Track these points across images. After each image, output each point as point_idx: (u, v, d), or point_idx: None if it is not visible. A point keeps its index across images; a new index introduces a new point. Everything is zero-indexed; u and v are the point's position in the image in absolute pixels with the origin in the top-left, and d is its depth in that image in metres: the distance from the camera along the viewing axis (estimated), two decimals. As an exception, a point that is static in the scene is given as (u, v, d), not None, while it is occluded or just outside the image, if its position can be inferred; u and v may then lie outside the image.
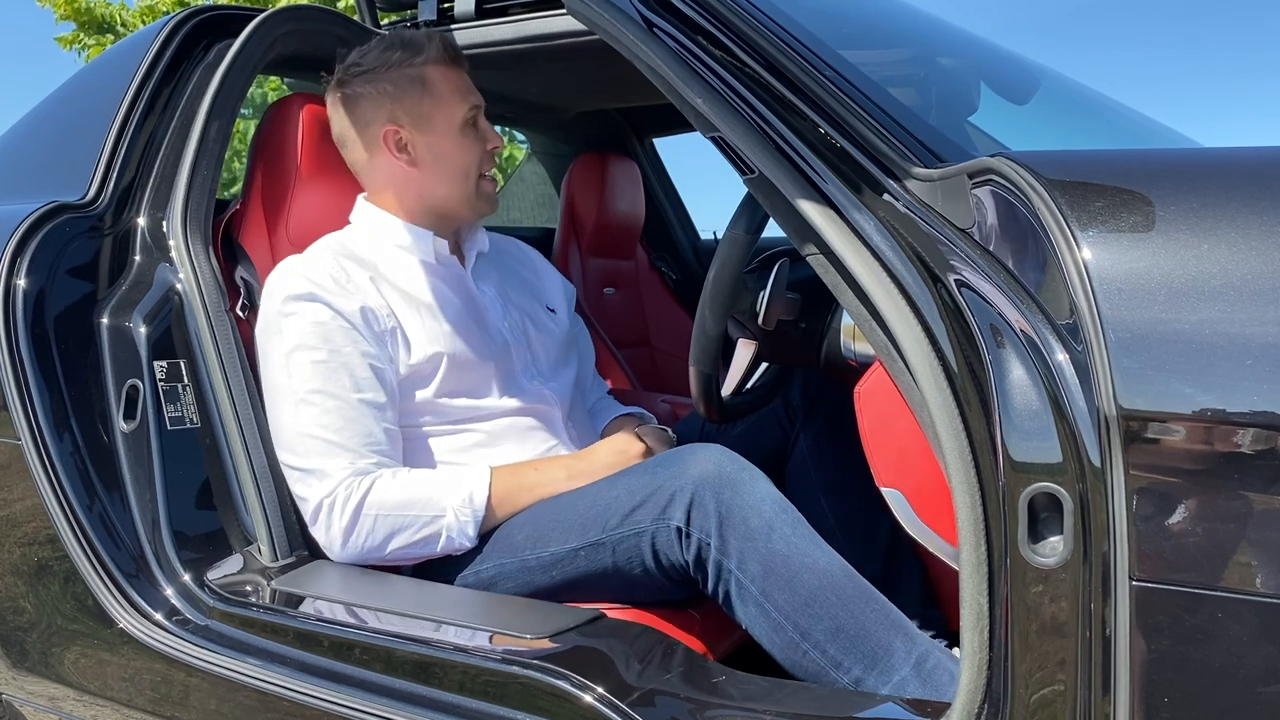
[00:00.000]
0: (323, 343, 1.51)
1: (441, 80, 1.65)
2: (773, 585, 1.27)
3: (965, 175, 1.06)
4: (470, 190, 1.67)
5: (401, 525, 1.48)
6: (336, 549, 1.50)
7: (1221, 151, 1.06)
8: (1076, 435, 0.91)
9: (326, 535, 1.50)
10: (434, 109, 1.64)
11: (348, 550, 1.50)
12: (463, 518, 1.48)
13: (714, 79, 1.23)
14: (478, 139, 1.67)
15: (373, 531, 1.48)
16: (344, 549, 1.50)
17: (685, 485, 1.32)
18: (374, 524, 1.48)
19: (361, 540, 1.48)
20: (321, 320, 1.51)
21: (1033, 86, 1.89)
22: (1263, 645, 0.84)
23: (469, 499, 1.49)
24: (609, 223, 2.76)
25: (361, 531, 1.48)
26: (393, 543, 1.49)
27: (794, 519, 1.31)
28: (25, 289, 1.56)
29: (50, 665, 1.62)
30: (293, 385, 1.51)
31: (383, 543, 1.49)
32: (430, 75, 1.64)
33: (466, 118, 1.65)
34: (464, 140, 1.66)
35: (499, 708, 1.22)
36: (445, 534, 1.48)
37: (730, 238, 1.39)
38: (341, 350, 1.51)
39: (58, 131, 1.93)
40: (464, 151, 1.66)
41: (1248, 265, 0.87)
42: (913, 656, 1.24)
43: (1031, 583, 0.94)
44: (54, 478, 1.52)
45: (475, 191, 1.68)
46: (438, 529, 1.48)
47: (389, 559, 1.52)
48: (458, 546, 1.50)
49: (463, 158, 1.66)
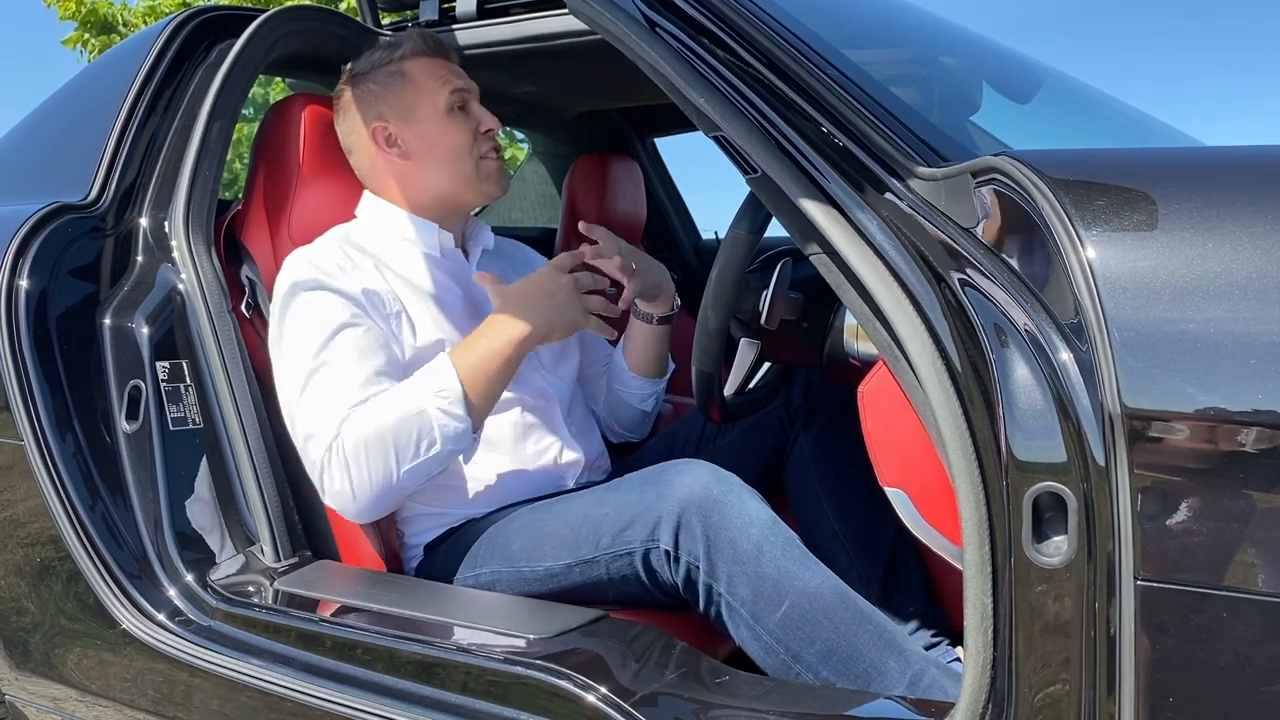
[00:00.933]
0: (327, 323, 1.50)
1: (420, 70, 1.67)
2: (762, 609, 1.27)
3: (969, 174, 1.06)
4: (469, 171, 1.67)
5: (393, 444, 1.42)
6: (350, 504, 1.44)
7: (1225, 150, 1.06)
8: (1081, 434, 0.90)
9: (336, 491, 1.44)
10: (416, 98, 1.66)
11: (360, 498, 1.43)
12: (443, 402, 1.43)
13: (716, 78, 1.23)
14: (468, 121, 1.68)
15: (370, 465, 1.42)
16: (357, 498, 1.43)
17: (671, 508, 1.31)
18: (368, 457, 1.42)
19: (367, 479, 1.42)
20: (326, 301, 1.51)
21: (1035, 85, 1.89)
22: (1268, 645, 0.84)
23: (441, 385, 1.44)
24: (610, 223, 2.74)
25: (361, 472, 1.42)
26: (396, 466, 1.42)
27: (784, 540, 1.29)
28: (27, 289, 1.56)
29: (53, 666, 1.62)
30: (299, 365, 1.50)
31: (387, 471, 1.42)
32: (408, 68, 1.67)
33: (450, 101, 1.66)
34: (451, 123, 1.66)
35: (502, 708, 1.22)
36: (437, 426, 1.43)
37: (733, 237, 1.38)
38: (346, 329, 1.50)
39: (59, 132, 1.93)
40: (453, 134, 1.66)
41: (1252, 264, 0.86)
42: (907, 676, 1.24)
43: (1036, 582, 0.94)
44: (56, 478, 1.52)
45: (475, 172, 1.67)
46: (427, 424, 1.42)
47: (405, 485, 1.45)
48: (460, 435, 1.45)
49: (452, 140, 1.66)
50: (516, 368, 1.51)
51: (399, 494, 1.47)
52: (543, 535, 1.45)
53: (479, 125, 1.68)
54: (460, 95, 1.67)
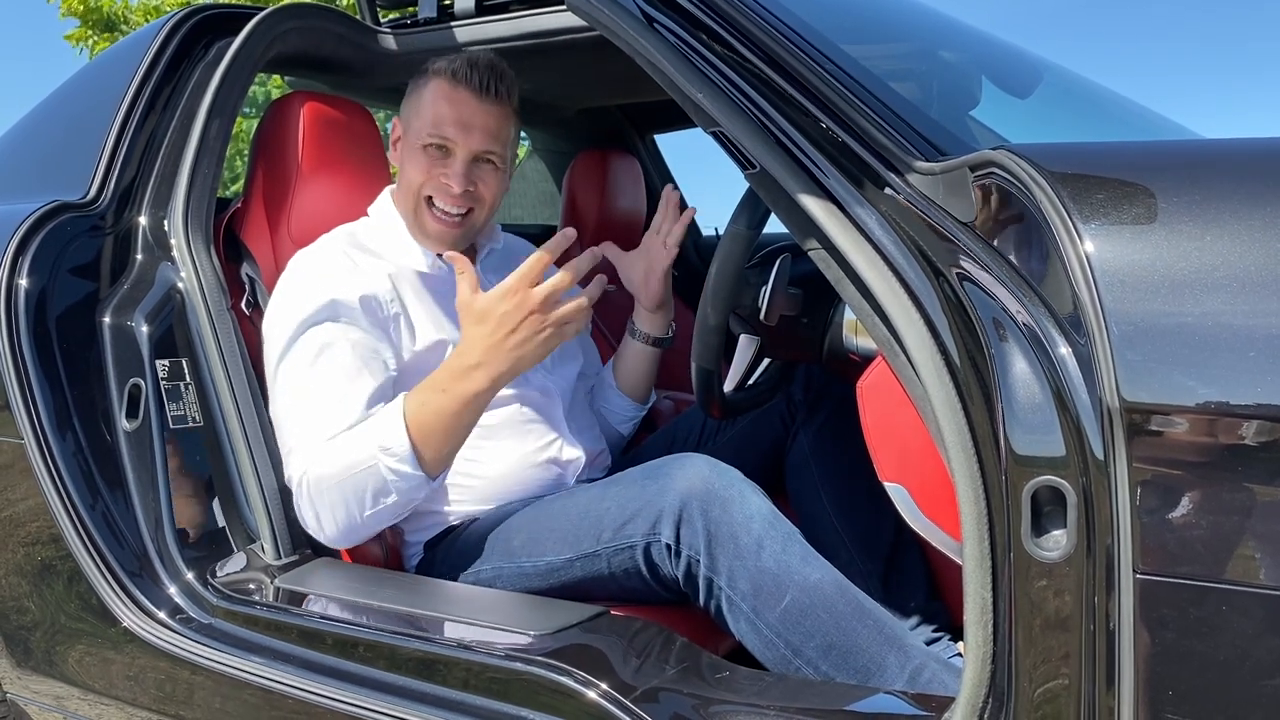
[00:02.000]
0: (313, 342, 1.51)
1: (431, 94, 1.61)
2: (763, 603, 1.27)
3: (967, 168, 1.05)
4: (410, 207, 1.63)
5: (351, 492, 1.42)
6: (323, 537, 1.48)
7: (1223, 143, 1.06)
8: (1079, 428, 0.90)
9: (310, 527, 1.48)
10: (413, 117, 1.64)
11: (329, 534, 1.47)
12: (391, 459, 1.40)
13: (714, 74, 1.23)
14: (436, 165, 1.60)
15: (334, 507, 1.43)
16: (326, 535, 1.47)
17: (673, 501, 1.31)
18: (330, 501, 1.43)
19: (332, 519, 1.44)
20: (316, 319, 1.51)
21: (1034, 80, 1.89)
22: (1267, 638, 0.84)
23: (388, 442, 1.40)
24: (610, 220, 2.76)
25: (326, 511, 1.44)
26: (357, 511, 1.43)
27: (785, 534, 1.30)
28: (27, 288, 1.56)
29: (54, 664, 1.62)
30: (283, 386, 1.52)
31: (349, 515, 1.43)
32: (430, 83, 1.62)
33: (429, 140, 1.59)
34: (419, 156, 1.61)
35: (503, 704, 1.22)
36: (389, 482, 1.40)
37: (732, 233, 1.38)
38: (332, 346, 1.50)
39: (59, 130, 1.93)
40: (413, 166, 1.62)
41: (1250, 257, 0.86)
42: (906, 670, 1.24)
43: (1035, 577, 0.94)
44: (57, 477, 1.52)
45: (414, 213, 1.63)
46: (379, 479, 1.41)
47: (375, 525, 1.47)
48: (415, 487, 1.42)
49: (410, 171, 1.62)
50: (479, 416, 1.44)
51: (368, 532, 1.49)
52: (544, 530, 1.45)
53: (442, 174, 1.59)
54: (443, 142, 1.59)
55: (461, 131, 1.59)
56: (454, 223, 1.62)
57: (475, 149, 1.60)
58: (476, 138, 1.59)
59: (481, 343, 1.38)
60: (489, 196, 1.63)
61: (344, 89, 2.06)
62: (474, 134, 1.59)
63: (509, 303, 1.36)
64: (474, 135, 1.59)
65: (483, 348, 1.38)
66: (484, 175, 1.62)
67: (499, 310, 1.36)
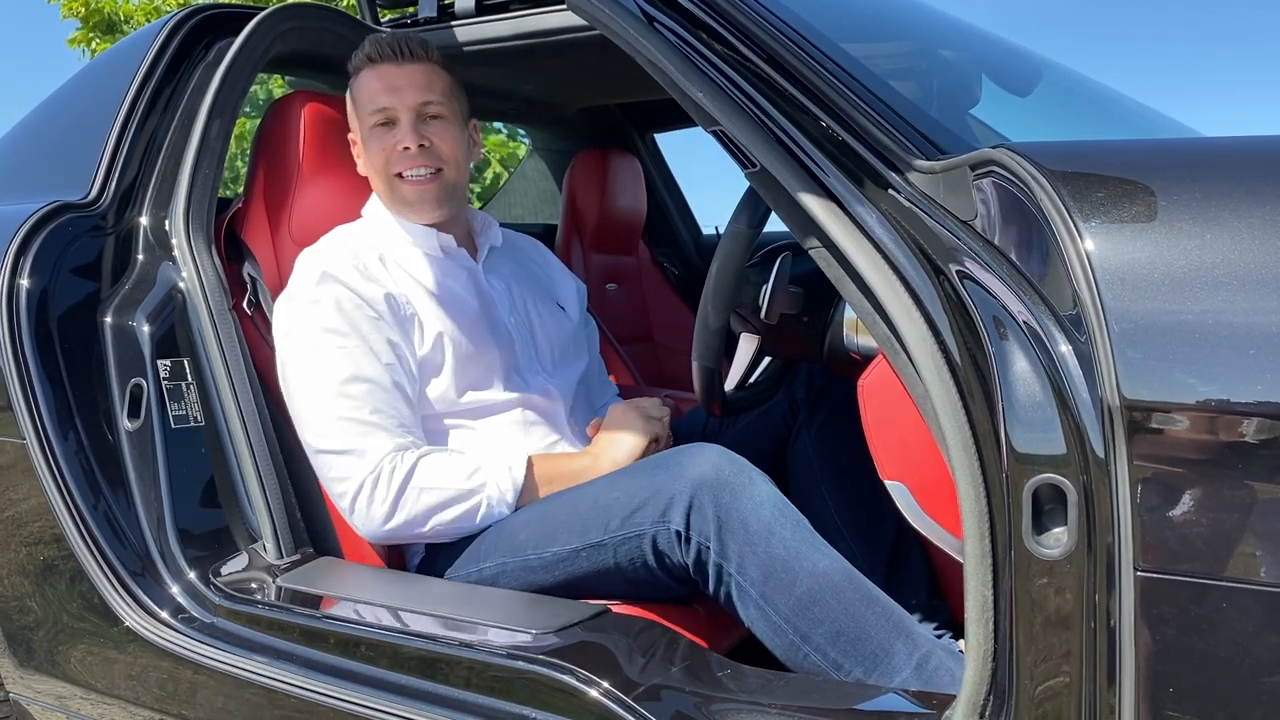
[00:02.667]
0: (350, 328, 1.52)
1: (359, 84, 1.67)
2: (772, 589, 1.27)
3: (967, 167, 1.06)
4: (386, 193, 1.67)
5: (444, 500, 1.48)
6: (377, 525, 1.49)
7: (1223, 141, 1.06)
8: (1080, 426, 0.91)
9: (368, 512, 1.48)
10: (355, 114, 1.69)
11: (389, 526, 1.49)
12: (503, 487, 1.51)
13: (715, 73, 1.23)
14: (385, 138, 1.64)
15: (416, 506, 1.48)
16: (385, 525, 1.48)
17: (684, 489, 1.32)
18: (418, 498, 1.48)
19: (405, 515, 1.48)
20: (346, 307, 1.52)
21: (1034, 78, 1.89)
22: (1268, 635, 0.84)
23: (509, 469, 1.52)
24: (611, 219, 2.76)
25: (405, 506, 1.48)
26: (433, 518, 1.49)
27: (794, 521, 1.30)
28: (28, 289, 1.56)
29: (57, 664, 1.62)
30: (322, 371, 1.51)
31: (423, 517, 1.49)
32: (354, 81, 1.68)
33: (372, 121, 1.64)
34: (370, 142, 1.65)
35: (505, 703, 1.22)
36: (485, 504, 1.50)
37: (732, 232, 1.38)
38: (368, 336, 1.52)
39: (59, 131, 1.94)
40: (370, 153, 1.66)
41: (1250, 255, 0.86)
42: (914, 658, 1.24)
43: (1036, 574, 0.94)
44: (59, 477, 1.52)
45: (389, 194, 1.67)
46: (477, 502, 1.50)
47: (424, 535, 1.52)
48: (496, 515, 1.51)
49: (371, 160, 1.67)
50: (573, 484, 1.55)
51: (416, 538, 1.54)
52: (551, 523, 1.45)
53: (395, 143, 1.63)
54: (384, 113, 1.63)
55: (393, 95, 1.63)
56: (425, 180, 1.65)
57: (411, 104, 1.63)
58: (408, 94, 1.63)
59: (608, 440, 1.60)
60: (448, 151, 1.66)
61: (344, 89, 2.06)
62: (404, 92, 1.63)
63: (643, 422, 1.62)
64: (405, 93, 1.63)
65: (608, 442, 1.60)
66: (435, 130, 1.65)
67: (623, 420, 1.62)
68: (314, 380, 1.52)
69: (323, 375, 1.51)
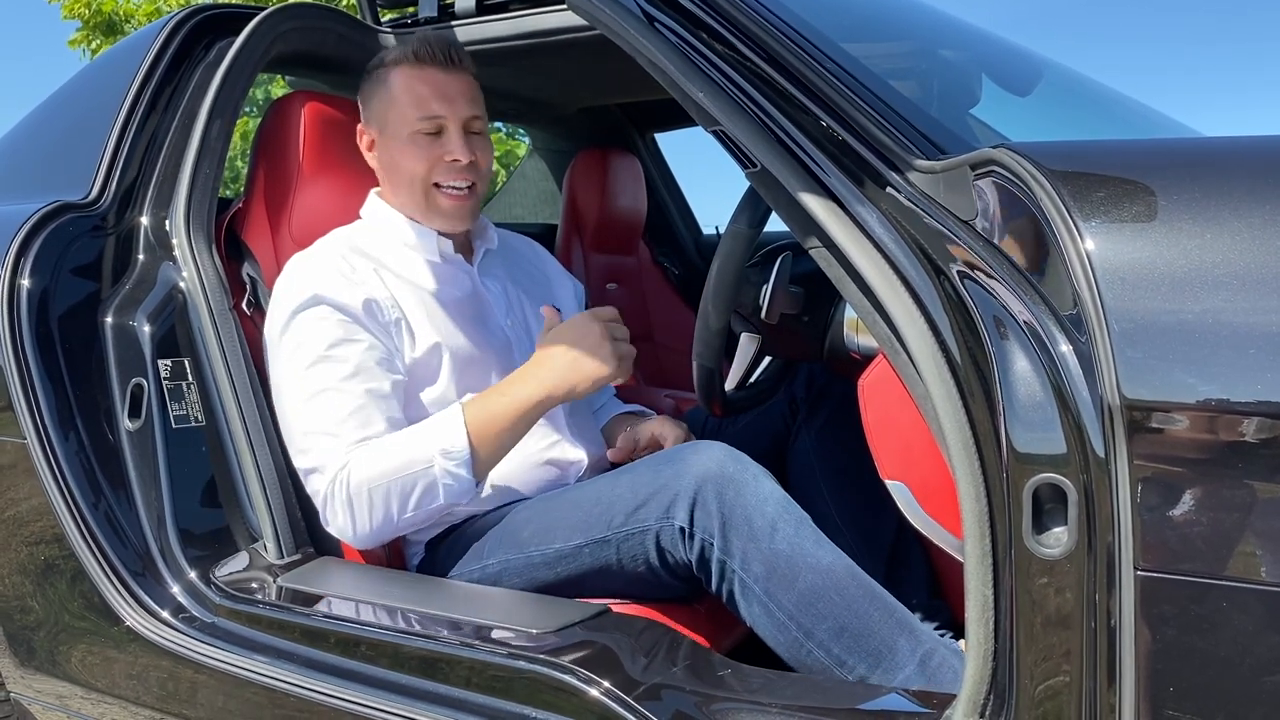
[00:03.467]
0: (321, 339, 1.51)
1: (400, 82, 1.62)
2: (776, 585, 1.27)
3: (967, 167, 1.06)
4: (419, 200, 1.64)
5: (396, 490, 1.44)
6: (350, 537, 1.49)
7: (1223, 141, 1.06)
8: (1080, 426, 0.91)
9: (337, 525, 1.49)
10: (388, 111, 1.63)
11: (360, 535, 1.48)
12: (449, 463, 1.44)
13: (715, 73, 1.23)
14: (431, 148, 1.60)
15: (373, 508, 1.45)
16: (357, 534, 1.48)
17: (688, 485, 1.32)
18: (370, 500, 1.45)
19: (368, 519, 1.46)
20: (323, 317, 1.52)
21: (1034, 78, 1.89)
22: (1268, 634, 0.84)
23: (449, 445, 1.45)
24: (611, 219, 2.76)
25: (363, 511, 1.46)
26: (398, 511, 1.46)
27: (797, 518, 1.30)
28: (29, 289, 1.56)
29: (57, 663, 1.62)
30: (296, 385, 1.51)
31: (389, 514, 1.46)
32: (391, 77, 1.63)
33: (419, 127, 1.60)
34: (411, 147, 1.61)
35: (505, 702, 1.22)
36: (441, 484, 1.45)
37: (733, 232, 1.39)
38: (339, 345, 1.51)
39: (60, 131, 1.94)
40: (408, 159, 1.61)
41: (1250, 254, 0.86)
42: (917, 654, 1.24)
43: (1036, 574, 0.94)
44: (60, 476, 1.52)
45: (424, 203, 1.64)
46: (431, 481, 1.44)
47: (406, 526, 1.50)
48: (463, 491, 1.46)
49: (407, 165, 1.62)
50: (532, 425, 1.50)
51: (400, 531, 1.51)
52: (554, 519, 1.45)
53: (444, 154, 1.60)
54: (434, 122, 1.60)
55: (447, 104, 1.61)
56: (464, 195, 1.64)
57: (463, 116, 1.62)
58: (461, 105, 1.62)
59: (545, 353, 1.49)
60: (485, 166, 1.66)
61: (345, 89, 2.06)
62: (458, 103, 1.62)
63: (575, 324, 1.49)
64: (459, 104, 1.62)
65: (543, 357, 1.48)
66: (478, 145, 1.64)
67: (564, 330, 1.50)
68: (287, 396, 1.53)
69: (293, 391, 1.52)
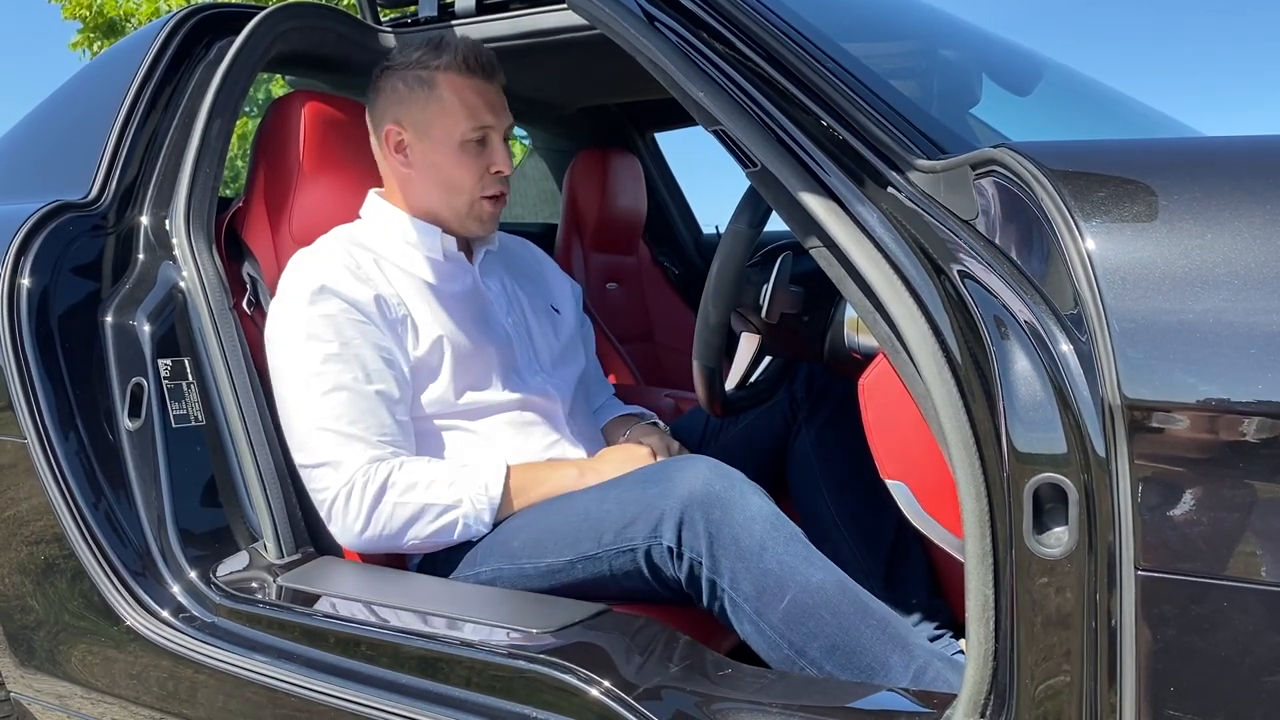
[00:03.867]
0: (335, 335, 1.51)
1: (451, 90, 1.61)
2: (766, 605, 1.27)
3: (968, 166, 1.06)
4: (461, 208, 1.65)
5: (418, 514, 1.48)
6: (353, 536, 1.49)
7: (1224, 141, 1.06)
8: (1081, 426, 0.91)
9: (344, 522, 1.49)
10: (436, 117, 1.61)
11: (365, 537, 1.49)
12: (479, 505, 1.49)
13: (715, 72, 1.23)
14: (479, 158, 1.62)
15: (390, 519, 1.48)
16: (360, 536, 1.49)
17: (674, 505, 1.31)
18: (392, 511, 1.47)
19: (380, 528, 1.48)
20: (332, 313, 1.51)
21: (1035, 78, 1.89)
22: (1269, 634, 0.84)
23: (485, 487, 1.49)
24: (611, 218, 2.76)
25: (380, 518, 1.47)
26: (409, 531, 1.48)
27: (787, 535, 1.29)
28: (29, 288, 1.56)
29: (57, 663, 1.62)
30: (305, 380, 1.51)
31: (399, 530, 1.48)
32: (440, 81, 1.61)
33: (470, 136, 1.61)
34: (462, 157, 1.62)
35: (505, 702, 1.22)
36: (462, 522, 1.48)
37: (733, 232, 1.38)
38: (353, 342, 1.51)
39: (60, 130, 1.94)
40: (458, 169, 1.62)
41: (1251, 254, 0.86)
42: (910, 670, 1.24)
43: (1037, 574, 0.94)
44: (60, 476, 1.52)
45: (467, 211, 1.65)
46: (454, 518, 1.48)
47: (403, 548, 1.52)
48: (474, 534, 1.50)
49: (456, 174, 1.62)
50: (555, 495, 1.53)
51: (397, 549, 1.54)
52: (544, 532, 1.45)
53: (490, 165, 1.63)
54: (483, 131, 1.62)
55: (496, 115, 1.64)
56: (499, 203, 1.68)
57: (506, 126, 1.66)
58: (504, 116, 1.66)
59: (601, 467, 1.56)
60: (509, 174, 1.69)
61: (345, 88, 2.06)
62: (503, 114, 1.66)
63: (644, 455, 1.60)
64: (503, 115, 1.66)
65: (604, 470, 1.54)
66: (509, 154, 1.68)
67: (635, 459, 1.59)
68: (295, 391, 1.53)
69: (304, 386, 1.51)
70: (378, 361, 1.52)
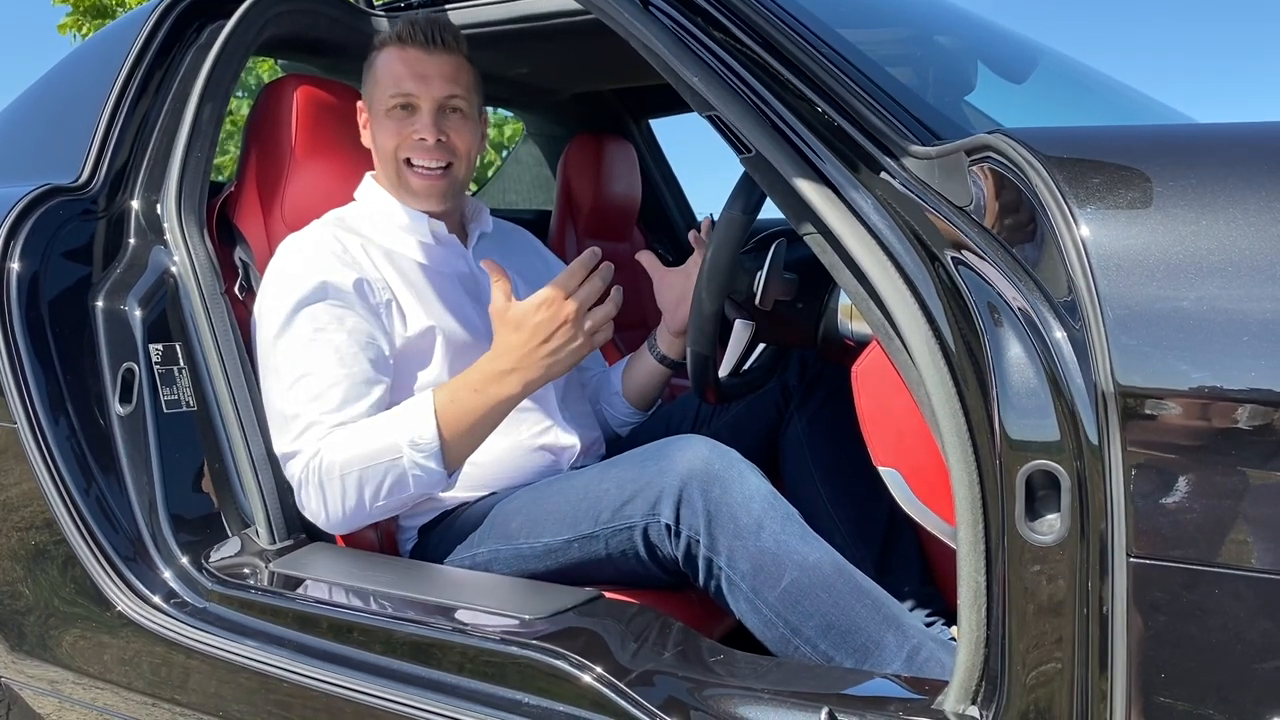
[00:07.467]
0: (310, 323, 1.51)
1: (383, 62, 1.65)
2: (762, 583, 1.27)
3: (963, 153, 1.05)
4: (392, 177, 1.66)
5: (367, 478, 1.44)
6: (323, 521, 1.49)
7: (1219, 127, 1.06)
8: (1074, 413, 0.91)
9: (311, 510, 1.49)
10: (372, 89, 1.67)
11: (333, 519, 1.48)
12: (418, 454, 1.43)
13: (710, 58, 1.22)
14: (402, 124, 1.62)
15: (345, 493, 1.45)
16: (329, 519, 1.48)
17: (673, 482, 1.31)
18: (343, 485, 1.45)
19: (340, 505, 1.46)
20: (313, 299, 1.51)
21: (1030, 65, 1.89)
22: (1259, 621, 0.84)
23: (419, 436, 1.43)
24: (605, 205, 2.75)
25: (335, 496, 1.46)
26: (370, 498, 1.45)
27: (784, 514, 1.30)
28: (19, 272, 1.55)
29: (49, 649, 1.62)
30: (280, 367, 1.51)
31: (361, 500, 1.45)
32: (376, 58, 1.66)
33: (391, 104, 1.62)
34: (385, 124, 1.64)
35: (498, 688, 1.22)
36: (410, 475, 1.43)
37: (727, 218, 1.38)
38: (330, 329, 1.51)
39: (50, 114, 1.92)
40: (382, 135, 1.65)
41: (1245, 242, 0.86)
42: (904, 650, 1.24)
43: (1029, 561, 0.94)
44: (50, 461, 1.52)
45: (396, 180, 1.65)
46: (400, 472, 1.43)
47: (380, 514, 1.49)
48: (434, 482, 1.45)
49: (380, 141, 1.66)
50: (503, 419, 1.47)
51: (374, 518, 1.51)
52: (542, 512, 1.45)
53: (412, 132, 1.62)
54: (406, 99, 1.62)
55: (420, 83, 1.62)
56: (436, 176, 1.64)
57: (437, 96, 1.62)
58: (436, 85, 1.62)
59: (516, 350, 1.41)
60: (463, 147, 1.65)
61: (337, 72, 2.05)
62: (432, 82, 1.62)
63: (544, 313, 1.40)
64: (433, 83, 1.62)
65: (517, 355, 1.41)
66: (454, 125, 1.64)
67: (534, 320, 1.40)
68: (267, 379, 1.53)
69: (277, 372, 1.52)
70: (352, 346, 1.50)
